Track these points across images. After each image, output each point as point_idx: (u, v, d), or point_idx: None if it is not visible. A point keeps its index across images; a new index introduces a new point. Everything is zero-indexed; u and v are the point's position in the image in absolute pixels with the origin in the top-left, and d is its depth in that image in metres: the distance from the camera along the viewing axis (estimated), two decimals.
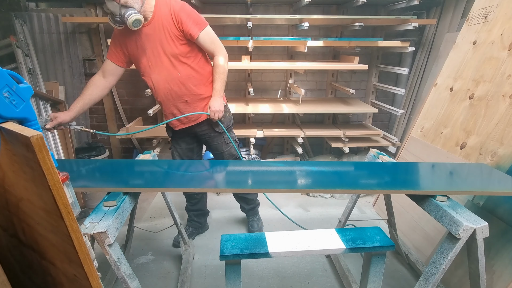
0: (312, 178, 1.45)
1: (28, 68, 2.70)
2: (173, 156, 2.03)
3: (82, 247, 0.72)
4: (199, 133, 1.91)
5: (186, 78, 1.71)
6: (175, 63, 1.68)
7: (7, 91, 0.73)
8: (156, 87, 1.74)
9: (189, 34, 1.61)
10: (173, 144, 2.01)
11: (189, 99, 1.77)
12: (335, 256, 1.92)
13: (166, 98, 1.77)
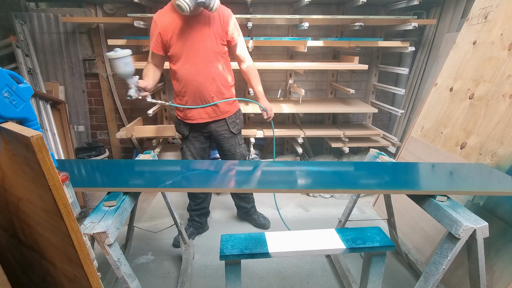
0: (312, 178, 1.45)
1: (28, 68, 2.70)
2: (184, 156, 2.03)
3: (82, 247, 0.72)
4: (215, 133, 1.96)
5: (217, 75, 1.83)
6: (212, 59, 1.80)
7: (7, 91, 0.73)
8: (187, 77, 1.80)
9: (231, 37, 1.82)
10: (186, 144, 2.01)
11: (215, 96, 1.86)
12: (335, 256, 1.92)
13: (194, 91, 1.83)
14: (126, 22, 2.61)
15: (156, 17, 1.74)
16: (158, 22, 1.72)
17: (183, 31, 1.72)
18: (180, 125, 1.98)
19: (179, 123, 1.99)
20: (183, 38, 1.73)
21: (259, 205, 2.67)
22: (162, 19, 1.73)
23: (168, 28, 1.72)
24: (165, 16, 1.73)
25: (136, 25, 2.48)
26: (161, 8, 2.92)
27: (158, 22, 1.73)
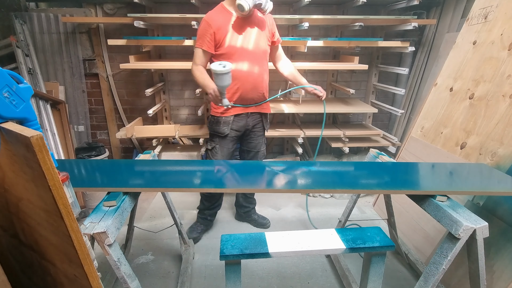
0: (312, 178, 1.45)
1: (28, 68, 2.70)
2: (215, 157, 2.03)
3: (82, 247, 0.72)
4: (249, 128, 2.05)
5: (265, 73, 1.99)
6: (262, 58, 1.94)
7: (7, 91, 0.73)
8: (241, 74, 1.86)
9: (276, 38, 2.02)
10: (221, 144, 2.02)
11: (262, 93, 2.00)
12: (335, 256, 1.92)
13: (248, 87, 1.91)
14: (126, 22, 2.61)
15: (208, 18, 1.80)
16: (211, 22, 1.78)
17: (237, 31, 1.82)
18: (220, 123, 1.96)
19: (218, 121, 1.96)
20: (237, 37, 1.83)
21: (259, 205, 2.67)
22: (215, 19, 1.80)
23: (222, 27, 1.79)
24: (217, 16, 1.81)
25: (136, 25, 2.48)
26: (160, 8, 2.94)
27: (211, 22, 1.78)
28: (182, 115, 3.32)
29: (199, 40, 1.82)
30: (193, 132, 2.88)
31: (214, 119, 2.00)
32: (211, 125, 2.03)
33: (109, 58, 3.04)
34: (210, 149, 2.06)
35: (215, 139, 2.03)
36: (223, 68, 1.59)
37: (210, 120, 2.04)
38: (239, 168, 1.63)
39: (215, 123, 1.99)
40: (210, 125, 2.03)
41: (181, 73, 3.15)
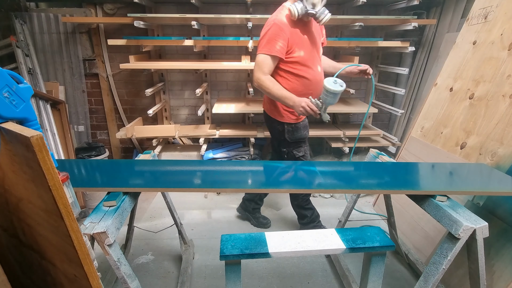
0: (312, 178, 1.45)
1: (28, 68, 2.70)
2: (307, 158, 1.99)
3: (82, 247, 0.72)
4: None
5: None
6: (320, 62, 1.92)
7: (7, 91, 0.73)
8: (313, 78, 1.83)
9: (325, 40, 1.99)
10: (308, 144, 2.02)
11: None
12: (335, 256, 1.92)
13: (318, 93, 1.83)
14: (126, 22, 2.61)
15: (280, 23, 1.67)
16: (285, 28, 1.68)
17: (305, 37, 1.76)
18: (300, 129, 1.92)
19: (298, 128, 1.91)
20: (306, 43, 1.76)
21: None
22: (288, 25, 1.69)
23: (294, 33, 1.71)
24: (288, 23, 1.70)
25: (136, 25, 2.48)
26: (160, 8, 2.94)
27: (284, 28, 1.67)
28: (182, 115, 3.32)
29: (268, 46, 1.68)
30: (193, 132, 2.88)
31: (292, 127, 1.91)
32: (291, 134, 1.92)
33: (109, 58, 3.04)
34: (303, 156, 1.97)
35: (301, 145, 1.96)
36: (340, 88, 1.53)
37: (287, 130, 1.91)
38: (238, 168, 1.63)
39: (296, 131, 1.91)
40: (290, 134, 1.92)
41: (181, 73, 3.15)
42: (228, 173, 1.52)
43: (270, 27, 1.68)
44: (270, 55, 1.69)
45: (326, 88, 1.55)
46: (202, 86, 2.83)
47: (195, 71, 3.09)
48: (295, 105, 1.67)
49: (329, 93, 1.55)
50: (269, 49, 1.68)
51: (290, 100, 1.69)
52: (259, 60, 1.71)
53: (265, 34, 1.70)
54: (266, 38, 1.69)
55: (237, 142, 3.20)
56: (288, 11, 1.67)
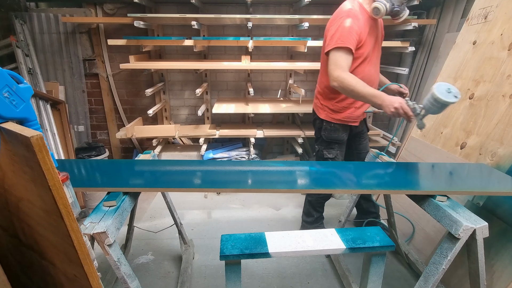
0: (312, 178, 1.45)
1: (28, 68, 2.70)
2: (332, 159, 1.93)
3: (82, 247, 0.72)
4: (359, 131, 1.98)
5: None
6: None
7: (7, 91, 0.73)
8: (370, 78, 1.74)
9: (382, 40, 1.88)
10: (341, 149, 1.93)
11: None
12: (335, 256, 1.92)
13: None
14: (126, 22, 2.61)
15: (352, 14, 1.57)
16: (356, 20, 1.57)
17: (370, 33, 1.67)
18: (337, 131, 1.85)
19: (336, 128, 1.85)
20: (371, 41, 1.69)
21: (259, 205, 2.68)
22: (358, 16, 1.59)
23: (363, 27, 1.61)
24: (359, 14, 1.61)
25: (136, 25, 2.48)
26: (160, 8, 2.94)
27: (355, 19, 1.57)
28: (182, 115, 3.32)
29: (343, 39, 1.53)
30: (193, 132, 2.88)
31: (331, 126, 1.86)
32: (328, 133, 1.87)
33: (109, 58, 3.04)
34: (332, 158, 1.91)
35: (334, 146, 1.90)
36: (454, 99, 1.32)
37: (326, 128, 1.87)
38: (238, 168, 1.63)
39: (334, 131, 1.86)
40: (327, 132, 1.87)
41: (181, 73, 3.15)
42: (228, 173, 1.52)
43: (342, 18, 1.56)
44: (345, 47, 1.54)
45: (436, 96, 1.33)
46: (202, 86, 2.83)
47: (195, 71, 3.09)
48: (385, 104, 1.47)
49: (437, 102, 1.34)
50: (343, 41, 1.53)
51: (379, 99, 1.50)
52: (334, 56, 1.56)
53: (337, 27, 1.56)
54: (338, 31, 1.55)
55: (237, 142, 3.20)
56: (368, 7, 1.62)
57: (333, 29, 1.59)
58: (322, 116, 1.88)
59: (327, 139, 1.89)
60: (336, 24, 1.58)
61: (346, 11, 1.59)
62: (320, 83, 1.89)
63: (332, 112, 1.84)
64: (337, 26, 1.57)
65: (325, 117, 1.86)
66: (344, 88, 1.56)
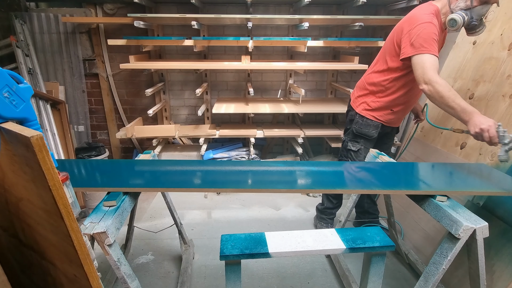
0: (312, 178, 1.45)
1: (28, 68, 2.70)
2: (359, 157, 1.96)
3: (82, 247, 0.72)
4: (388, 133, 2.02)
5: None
6: None
7: (7, 91, 0.73)
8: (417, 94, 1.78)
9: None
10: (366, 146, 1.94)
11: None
12: (335, 256, 1.92)
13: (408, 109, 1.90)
14: (126, 22, 2.61)
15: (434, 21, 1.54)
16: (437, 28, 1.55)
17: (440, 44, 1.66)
18: (370, 126, 1.88)
19: (368, 124, 1.87)
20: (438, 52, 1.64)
21: (259, 205, 2.68)
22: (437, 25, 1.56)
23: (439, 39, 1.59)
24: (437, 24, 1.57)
25: (136, 25, 2.48)
26: (160, 8, 2.94)
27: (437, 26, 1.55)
28: (182, 115, 3.32)
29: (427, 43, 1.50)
30: (193, 132, 2.88)
31: (363, 121, 1.88)
32: (359, 126, 1.90)
33: (109, 58, 3.04)
34: (355, 151, 1.94)
35: (359, 141, 1.93)
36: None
37: (358, 121, 1.90)
38: (238, 168, 1.63)
39: (365, 126, 1.88)
40: (358, 126, 1.90)
41: (181, 73, 3.16)
42: (228, 173, 1.52)
43: (425, 24, 1.52)
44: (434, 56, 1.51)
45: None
46: (202, 86, 2.83)
47: (195, 71, 3.09)
48: (472, 122, 1.39)
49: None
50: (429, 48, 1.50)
51: (468, 115, 1.41)
52: (422, 60, 1.51)
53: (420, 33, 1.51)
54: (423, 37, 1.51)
55: (237, 142, 3.20)
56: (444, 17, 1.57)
57: (414, 33, 1.53)
58: (357, 109, 1.91)
59: (357, 132, 1.92)
60: (419, 30, 1.53)
61: (429, 19, 1.53)
62: (367, 78, 1.90)
63: (368, 107, 1.87)
64: (420, 31, 1.52)
65: (360, 111, 1.90)
66: (434, 93, 1.47)
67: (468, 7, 1.51)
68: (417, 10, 1.64)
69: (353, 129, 1.93)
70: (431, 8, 1.60)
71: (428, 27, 1.51)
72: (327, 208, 2.22)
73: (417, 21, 1.55)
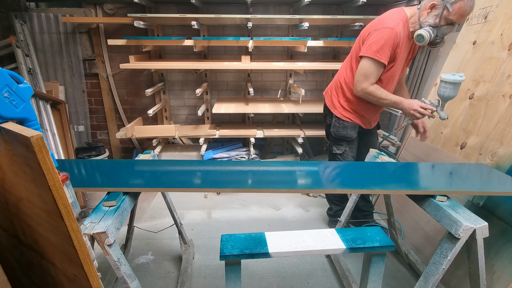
0: (312, 178, 1.45)
1: (28, 68, 2.70)
2: (346, 158, 1.98)
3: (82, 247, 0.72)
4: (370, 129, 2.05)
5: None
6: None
7: (7, 91, 0.73)
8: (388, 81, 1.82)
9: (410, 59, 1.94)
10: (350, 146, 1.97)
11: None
12: (335, 256, 1.92)
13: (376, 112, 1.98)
14: (126, 22, 2.62)
15: (397, 28, 1.60)
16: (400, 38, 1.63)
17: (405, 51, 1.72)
18: (346, 128, 1.92)
19: (344, 126, 1.92)
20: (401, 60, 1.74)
21: (259, 205, 2.68)
22: (401, 31, 1.63)
23: (401, 46, 1.66)
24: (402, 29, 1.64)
25: (136, 25, 2.48)
26: (160, 8, 2.94)
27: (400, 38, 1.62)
28: (182, 115, 3.32)
29: (380, 52, 1.60)
30: (193, 132, 2.88)
31: (339, 123, 1.92)
32: (336, 130, 1.94)
33: (109, 58, 3.04)
34: (341, 154, 1.96)
35: (342, 143, 1.96)
36: (460, 78, 1.50)
37: (334, 124, 1.94)
38: (238, 168, 1.63)
39: (342, 128, 1.92)
40: (336, 129, 1.94)
41: (181, 73, 3.16)
42: (228, 173, 1.52)
43: (384, 30, 1.60)
44: (379, 62, 1.63)
45: (445, 79, 1.51)
46: (202, 86, 2.83)
47: (195, 71, 3.09)
48: (403, 108, 1.65)
49: (448, 84, 1.51)
50: (379, 54, 1.61)
51: (400, 104, 1.67)
52: (366, 65, 1.66)
53: (380, 38, 1.60)
54: (380, 42, 1.60)
55: (237, 142, 3.20)
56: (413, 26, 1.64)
57: (373, 38, 1.63)
58: (333, 112, 1.94)
59: (336, 136, 1.95)
60: (378, 34, 1.61)
61: (391, 27, 1.60)
62: (340, 77, 1.92)
63: (343, 109, 1.91)
64: (379, 37, 1.61)
65: (336, 113, 1.93)
66: (368, 98, 1.73)
67: (436, 25, 1.56)
68: (387, 14, 1.70)
69: (332, 133, 1.97)
70: (401, 15, 1.66)
71: (389, 33, 1.59)
72: (338, 210, 2.21)
73: (382, 25, 1.63)
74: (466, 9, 1.49)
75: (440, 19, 1.54)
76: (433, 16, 1.56)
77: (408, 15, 1.66)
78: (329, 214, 2.35)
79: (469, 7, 1.49)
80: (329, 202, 2.31)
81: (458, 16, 1.51)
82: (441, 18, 1.53)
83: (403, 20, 1.64)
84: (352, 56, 1.82)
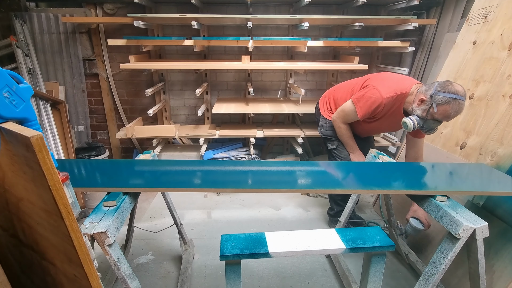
0: (312, 178, 1.45)
1: (28, 68, 2.70)
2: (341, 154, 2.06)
3: (82, 247, 0.72)
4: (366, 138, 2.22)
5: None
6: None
7: (7, 91, 0.73)
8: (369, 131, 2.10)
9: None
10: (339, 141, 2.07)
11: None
12: (335, 256, 1.92)
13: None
14: (126, 22, 2.61)
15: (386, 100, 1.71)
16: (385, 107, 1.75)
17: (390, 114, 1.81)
18: (332, 128, 2.04)
19: (331, 126, 2.04)
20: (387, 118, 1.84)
21: (259, 205, 2.68)
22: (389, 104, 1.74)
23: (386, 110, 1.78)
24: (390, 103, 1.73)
25: (136, 25, 2.48)
26: (160, 8, 2.94)
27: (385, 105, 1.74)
28: (182, 115, 3.32)
29: (364, 109, 1.78)
30: (193, 132, 2.88)
31: (326, 123, 2.07)
32: (323, 130, 2.09)
33: (109, 58, 3.04)
34: (334, 148, 2.07)
35: (334, 139, 2.07)
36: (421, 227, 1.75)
37: (321, 124, 2.10)
38: (238, 168, 1.63)
39: (328, 128, 2.06)
40: (323, 129, 2.09)
41: (181, 73, 3.16)
42: (228, 173, 1.52)
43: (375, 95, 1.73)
44: (358, 114, 1.81)
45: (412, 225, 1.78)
46: (202, 86, 2.83)
47: (195, 71, 3.09)
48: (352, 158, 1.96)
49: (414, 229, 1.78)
50: (362, 111, 1.79)
51: (350, 149, 1.97)
52: (349, 109, 1.86)
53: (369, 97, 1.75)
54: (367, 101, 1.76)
55: (237, 142, 3.20)
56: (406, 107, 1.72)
57: (367, 93, 1.77)
58: (323, 114, 2.09)
59: (324, 135, 2.12)
60: (370, 93, 1.75)
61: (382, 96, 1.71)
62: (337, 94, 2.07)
63: (330, 112, 2.03)
64: (369, 95, 1.76)
65: (324, 114, 2.06)
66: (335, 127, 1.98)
67: (423, 117, 1.60)
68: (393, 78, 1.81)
69: (320, 132, 2.14)
70: (402, 88, 1.71)
71: (377, 99, 1.72)
72: (339, 211, 2.21)
73: (378, 86, 1.75)
74: (451, 113, 1.52)
75: (427, 114, 1.58)
76: (421, 109, 1.60)
77: (410, 91, 1.69)
78: (330, 214, 2.35)
79: (454, 112, 1.51)
80: (332, 202, 2.31)
81: (443, 116, 1.54)
82: (427, 113, 1.57)
83: (401, 94, 1.70)
84: (354, 89, 1.93)
